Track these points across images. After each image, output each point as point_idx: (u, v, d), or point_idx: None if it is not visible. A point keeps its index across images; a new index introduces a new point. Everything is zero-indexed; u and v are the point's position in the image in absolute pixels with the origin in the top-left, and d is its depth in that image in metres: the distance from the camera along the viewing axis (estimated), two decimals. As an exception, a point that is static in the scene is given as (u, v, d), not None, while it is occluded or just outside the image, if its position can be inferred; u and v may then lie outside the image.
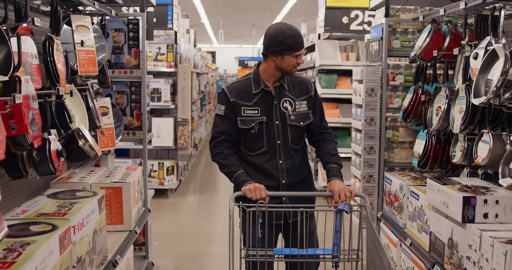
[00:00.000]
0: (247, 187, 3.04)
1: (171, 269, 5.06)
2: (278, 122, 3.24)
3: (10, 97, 2.42)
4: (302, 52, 3.19)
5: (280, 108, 3.24)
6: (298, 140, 3.31)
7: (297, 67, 3.22)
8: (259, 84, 3.25)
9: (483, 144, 3.34)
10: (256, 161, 3.27)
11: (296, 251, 2.90)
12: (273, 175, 3.26)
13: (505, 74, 2.95)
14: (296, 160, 3.31)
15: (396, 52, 4.60)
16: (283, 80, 3.28)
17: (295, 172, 3.30)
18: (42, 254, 2.04)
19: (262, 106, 3.24)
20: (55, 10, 3.22)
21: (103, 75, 3.97)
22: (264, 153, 3.26)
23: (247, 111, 3.23)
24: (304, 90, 3.33)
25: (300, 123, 3.27)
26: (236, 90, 3.28)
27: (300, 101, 3.29)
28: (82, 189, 3.22)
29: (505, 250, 2.48)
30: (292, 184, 3.29)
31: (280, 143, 3.26)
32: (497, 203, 2.93)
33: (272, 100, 3.25)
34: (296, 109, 3.27)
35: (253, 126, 3.22)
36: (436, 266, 3.26)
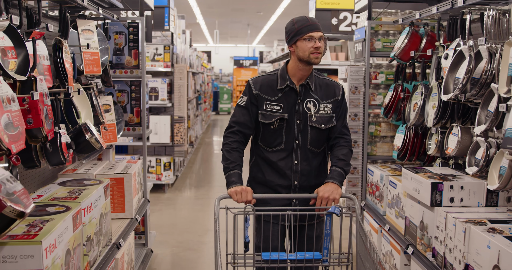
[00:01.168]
0: (233, 189, 2.98)
1: (169, 256, 5.39)
2: (299, 121, 3.17)
3: (28, 95, 2.75)
4: (314, 34, 3.05)
5: (303, 107, 3.18)
6: (317, 142, 3.23)
7: (316, 53, 3.07)
8: (285, 80, 3.18)
9: (453, 136, 3.69)
10: (272, 157, 3.21)
11: (284, 256, 2.82)
12: (286, 174, 3.20)
13: (469, 73, 3.29)
14: (313, 163, 3.23)
15: (378, 53, 4.94)
16: (311, 79, 3.21)
17: (310, 175, 3.23)
18: (59, 229, 2.36)
19: (285, 103, 3.17)
20: (64, 16, 3.54)
21: (106, 75, 4.29)
22: (281, 151, 3.20)
23: (269, 106, 3.17)
24: (331, 93, 3.24)
25: (321, 125, 3.19)
26: (260, 83, 3.21)
27: (325, 103, 3.21)
28: (89, 178, 3.54)
29: (464, 228, 2.82)
30: (305, 187, 3.23)
31: (299, 143, 3.19)
32: (462, 188, 3.27)
33: (296, 98, 3.18)
34: (319, 111, 3.19)
35: (274, 122, 3.16)
36: (410, 247, 3.60)
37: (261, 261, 2.85)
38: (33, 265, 2.13)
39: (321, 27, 3.13)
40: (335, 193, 3.00)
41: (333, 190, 3.01)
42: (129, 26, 4.84)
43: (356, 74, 5.01)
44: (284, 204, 3.20)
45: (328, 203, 2.97)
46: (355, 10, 5.62)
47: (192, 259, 5.31)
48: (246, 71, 26.03)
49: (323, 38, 3.11)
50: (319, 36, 3.09)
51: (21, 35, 2.73)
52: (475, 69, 3.29)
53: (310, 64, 3.12)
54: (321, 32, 3.11)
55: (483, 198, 3.28)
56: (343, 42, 8.39)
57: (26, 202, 2.03)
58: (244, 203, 2.92)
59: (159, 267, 5.08)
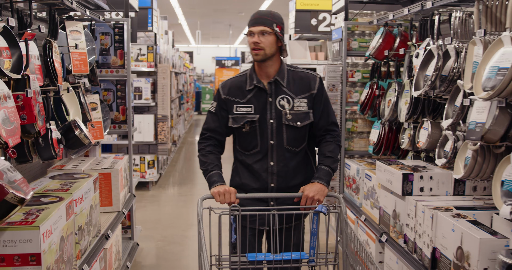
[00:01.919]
0: (216, 190, 2.90)
1: (154, 249, 5.56)
2: (272, 121, 3.05)
3: (22, 92, 2.91)
4: (253, 29, 2.96)
5: (276, 105, 3.05)
6: (295, 141, 3.10)
7: (254, 49, 2.98)
8: (252, 80, 3.07)
9: (424, 130, 3.91)
10: (248, 160, 3.12)
11: (270, 256, 2.76)
12: (261, 177, 3.10)
13: (438, 70, 3.51)
14: (291, 164, 3.11)
15: (355, 52, 5.15)
16: (281, 75, 3.07)
17: (287, 176, 3.11)
18: (54, 217, 2.53)
19: (256, 104, 3.05)
20: (53, 17, 3.69)
21: (93, 74, 4.45)
22: (257, 153, 3.10)
23: (239, 108, 3.07)
24: (306, 87, 3.09)
25: (296, 123, 3.06)
26: (229, 86, 3.12)
27: (300, 99, 3.06)
28: (78, 172, 3.70)
29: (432, 214, 3.03)
30: (283, 188, 3.12)
31: (274, 144, 3.07)
32: (431, 178, 3.49)
33: (266, 97, 3.05)
34: (294, 107, 3.05)
35: (244, 125, 3.06)
36: (384, 235, 3.81)
37: (247, 262, 2.78)
38: (32, 249, 2.30)
39: (268, 21, 2.96)
40: (320, 194, 2.94)
41: (319, 190, 2.94)
42: (115, 27, 5.01)
43: (334, 72, 5.22)
44: (261, 206, 3.06)
45: (313, 203, 2.91)
46: (332, 11, 5.84)
47: (177, 252, 5.49)
48: (228, 71, 26.17)
49: (267, 32, 2.95)
50: (259, 30, 2.95)
51: (15, 36, 2.89)
52: (443, 67, 3.51)
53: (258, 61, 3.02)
54: (264, 26, 2.94)
55: (451, 187, 3.51)
56: (322, 42, 8.61)
57: (26, 190, 2.20)
58: (228, 205, 2.88)
59: (145, 260, 5.25)
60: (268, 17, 2.97)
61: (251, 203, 3.06)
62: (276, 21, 2.99)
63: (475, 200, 3.35)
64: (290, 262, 2.78)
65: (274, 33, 2.96)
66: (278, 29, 2.98)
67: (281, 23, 3.03)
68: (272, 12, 3.04)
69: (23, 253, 2.29)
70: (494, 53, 2.79)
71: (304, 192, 2.95)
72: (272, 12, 3.03)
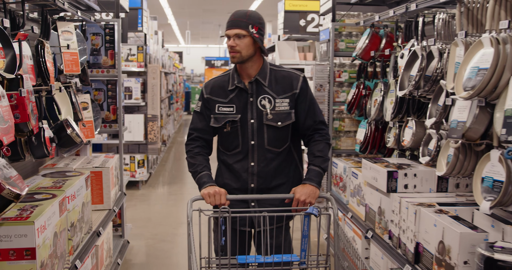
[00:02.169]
0: (206, 192, 2.87)
1: (144, 247, 5.63)
2: (253, 121, 3.02)
3: (15, 92, 2.97)
4: (229, 32, 2.95)
5: (257, 105, 3.02)
6: (277, 141, 3.07)
7: (231, 52, 2.95)
8: (233, 80, 3.05)
9: (409, 129, 4.00)
10: (229, 160, 3.10)
11: (261, 259, 2.74)
12: (241, 177, 3.08)
13: (422, 71, 3.60)
14: (272, 164, 3.08)
15: (342, 53, 5.25)
16: (262, 74, 3.04)
17: (268, 177, 3.08)
18: (48, 213, 2.60)
19: (238, 103, 3.03)
20: (45, 18, 3.75)
21: (84, 74, 4.51)
22: (238, 153, 3.08)
23: (221, 108, 3.05)
24: (288, 86, 3.05)
25: (277, 123, 3.02)
26: (211, 86, 3.11)
27: (282, 98, 3.03)
28: (70, 170, 3.77)
29: (415, 210, 3.13)
30: (264, 189, 3.09)
31: (255, 144, 3.04)
32: (415, 176, 3.59)
33: (247, 96, 3.03)
34: (275, 107, 3.02)
35: (225, 125, 3.05)
36: (369, 232, 3.91)
37: (237, 265, 2.75)
38: (27, 243, 2.37)
39: (243, 23, 2.90)
40: (311, 197, 2.91)
41: (310, 193, 2.91)
42: (106, 27, 5.07)
43: (321, 72, 5.31)
44: (242, 207, 3.07)
45: (304, 206, 2.88)
46: (320, 12, 5.93)
47: (167, 249, 5.56)
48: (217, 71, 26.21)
49: (242, 35, 2.90)
50: (234, 33, 2.91)
51: (9, 37, 2.96)
52: (427, 68, 3.61)
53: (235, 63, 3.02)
54: (239, 29, 2.90)
55: (434, 184, 3.61)
56: (311, 43, 8.69)
57: (21, 186, 2.27)
58: (218, 206, 2.85)
59: (135, 257, 5.32)
60: (243, 19, 2.91)
61: (232, 204, 2.98)
62: (251, 22, 2.92)
63: (458, 197, 3.45)
64: (281, 265, 2.73)
65: (250, 35, 2.91)
66: (255, 30, 2.92)
67: (258, 23, 2.96)
68: (249, 12, 2.96)
69: (18, 248, 2.36)
70: (474, 54, 2.89)
71: (295, 195, 2.91)
72: (248, 13, 2.96)
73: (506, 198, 2.67)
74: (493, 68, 2.66)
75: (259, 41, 2.95)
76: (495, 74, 2.66)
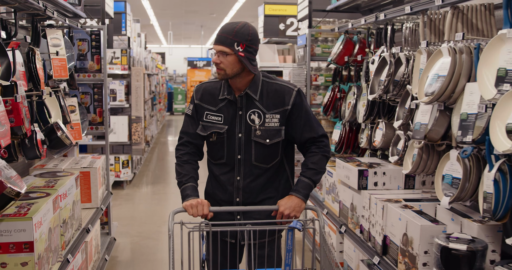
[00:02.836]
0: (188, 203, 2.76)
1: (130, 244, 5.86)
2: (241, 135, 2.90)
3: (10, 97, 3.18)
4: (215, 47, 2.80)
5: (247, 120, 2.88)
6: (264, 158, 2.94)
7: (217, 68, 2.82)
8: (224, 90, 2.92)
9: (379, 130, 4.27)
10: (215, 170, 3.00)
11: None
12: (228, 190, 2.98)
13: (390, 76, 3.87)
14: (259, 180, 2.96)
15: (318, 57, 5.53)
16: (253, 88, 2.88)
17: (253, 192, 2.97)
18: (43, 210, 2.82)
19: (226, 114, 2.91)
20: (36, 26, 3.96)
21: (72, 79, 4.72)
22: (223, 165, 2.97)
23: (210, 116, 2.93)
24: (279, 101, 2.89)
25: (265, 141, 2.89)
26: (202, 92, 2.98)
27: (272, 114, 2.88)
28: (60, 171, 3.98)
29: (382, 206, 3.39)
30: (249, 204, 2.97)
31: (241, 158, 2.92)
32: (384, 174, 3.85)
33: (236, 109, 2.90)
34: (265, 123, 2.88)
35: (211, 134, 2.93)
36: (343, 226, 4.17)
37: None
38: (25, 237, 2.59)
39: (228, 40, 2.75)
40: (296, 211, 2.82)
41: (295, 206, 2.82)
42: (92, 33, 5.28)
43: (299, 76, 5.58)
44: (227, 219, 3.00)
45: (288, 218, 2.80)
46: (298, 18, 6.19)
47: (152, 246, 5.78)
48: (200, 72, 26.41)
49: (227, 52, 2.75)
50: (218, 50, 2.77)
51: (4, 47, 3.17)
52: (396, 73, 3.87)
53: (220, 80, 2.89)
54: (223, 46, 2.76)
55: (402, 182, 3.88)
56: (290, 46, 8.96)
57: (20, 185, 2.49)
58: (200, 217, 2.79)
59: (122, 254, 5.54)
60: (229, 36, 2.75)
61: (219, 214, 2.94)
62: (238, 39, 2.75)
63: (423, 193, 3.72)
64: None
65: (235, 53, 2.75)
66: (241, 48, 2.75)
67: (246, 40, 2.77)
68: (237, 28, 2.78)
69: (17, 241, 2.58)
70: (435, 62, 3.15)
71: (279, 208, 2.82)
72: (236, 29, 2.77)
73: (464, 193, 2.94)
74: (450, 76, 2.93)
75: (245, 60, 2.77)
76: (452, 81, 2.93)
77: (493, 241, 2.88)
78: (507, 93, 2.47)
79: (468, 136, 2.81)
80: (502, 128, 2.49)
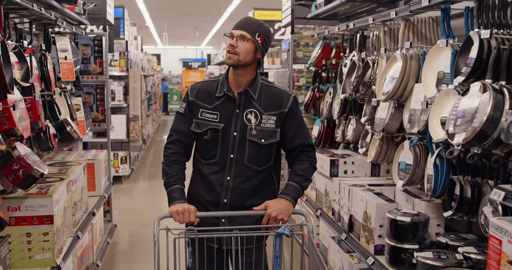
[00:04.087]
0: (174, 209, 2.71)
1: (129, 231, 6.40)
2: (236, 133, 2.87)
3: (29, 96, 3.72)
4: (234, 32, 2.80)
5: (243, 118, 2.87)
6: (257, 159, 2.91)
7: (229, 52, 2.80)
8: (223, 87, 2.90)
9: (351, 126, 4.82)
10: (205, 170, 2.94)
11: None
12: (215, 190, 2.92)
13: (358, 78, 4.42)
14: (250, 182, 2.92)
15: (300, 60, 6.08)
16: (253, 87, 2.88)
17: (242, 194, 2.91)
18: (60, 191, 3.37)
19: (222, 112, 2.88)
20: (47, 35, 4.50)
21: (77, 80, 5.26)
22: (214, 164, 2.92)
23: (205, 114, 2.90)
24: (277, 104, 2.90)
25: (260, 140, 2.87)
26: (198, 89, 2.96)
27: (269, 115, 2.88)
28: (70, 162, 4.52)
29: (348, 189, 3.95)
30: (236, 206, 2.92)
31: (234, 158, 2.89)
32: (353, 163, 4.41)
33: (233, 107, 2.88)
34: (261, 123, 2.87)
35: (206, 131, 2.89)
36: (319, 210, 4.72)
37: None
38: (47, 211, 3.13)
39: (251, 28, 2.80)
40: (284, 213, 2.74)
41: (283, 209, 2.74)
42: (95, 39, 5.83)
43: (282, 77, 6.14)
44: (212, 223, 2.94)
45: (275, 223, 2.72)
46: (282, 24, 6.74)
47: (149, 233, 6.32)
48: (194, 73, 26.94)
49: (247, 38, 2.78)
50: (239, 34, 2.78)
51: (24, 54, 3.71)
52: (364, 75, 4.43)
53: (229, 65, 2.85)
54: (245, 31, 2.78)
55: (369, 170, 4.44)
56: (278, 49, 9.52)
57: (43, 167, 3.04)
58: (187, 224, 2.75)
59: (122, 239, 6.08)
60: (253, 25, 2.81)
61: (203, 218, 2.85)
62: (260, 31, 2.81)
63: (387, 180, 4.28)
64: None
65: (254, 41, 2.79)
66: (260, 40, 2.80)
67: (266, 36, 2.84)
68: (261, 22, 2.87)
69: (40, 215, 3.12)
70: (391, 66, 3.71)
71: (267, 210, 2.74)
72: (260, 22, 2.86)
73: (415, 177, 3.49)
74: (401, 78, 3.49)
75: (261, 52, 2.84)
76: (403, 82, 3.49)
77: (438, 216, 3.44)
78: (442, 92, 3.03)
79: (414, 128, 3.37)
80: (438, 121, 3.05)
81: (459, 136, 2.56)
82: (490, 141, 2.45)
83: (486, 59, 2.65)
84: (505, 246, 2.07)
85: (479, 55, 2.68)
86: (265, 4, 12.10)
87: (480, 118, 2.43)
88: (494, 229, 2.15)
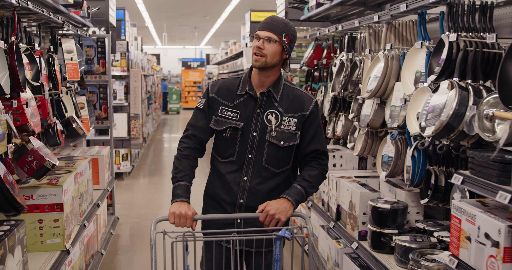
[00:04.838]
0: (172, 211, 2.64)
1: (131, 224, 6.70)
2: (255, 133, 2.82)
3: (39, 95, 4.01)
4: (260, 33, 2.72)
5: (263, 119, 2.82)
6: (275, 161, 2.86)
7: (255, 54, 2.73)
8: (245, 86, 2.84)
9: (340, 122, 5.11)
10: (221, 169, 2.90)
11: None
12: (232, 190, 2.87)
13: (346, 77, 4.71)
14: (267, 183, 2.87)
15: (294, 61, 6.38)
16: (276, 88, 2.83)
17: (259, 195, 2.86)
18: (68, 181, 3.66)
19: (243, 111, 2.83)
20: (54, 37, 4.79)
21: (82, 80, 5.56)
22: (231, 163, 2.87)
23: (225, 111, 2.84)
24: (299, 106, 2.85)
25: (280, 142, 2.82)
26: (219, 86, 2.90)
27: (290, 117, 2.82)
28: (75, 156, 4.81)
29: (336, 181, 4.24)
30: (252, 207, 2.85)
31: (252, 158, 2.84)
32: (341, 157, 4.70)
33: (255, 107, 2.83)
34: (281, 125, 2.82)
35: (225, 130, 2.84)
36: (310, 202, 5.02)
37: None
38: (57, 200, 3.42)
39: (278, 29, 2.71)
40: (282, 214, 2.65)
41: (283, 209, 2.66)
42: (98, 40, 6.12)
43: (277, 77, 6.41)
44: (226, 223, 2.90)
45: (272, 222, 2.64)
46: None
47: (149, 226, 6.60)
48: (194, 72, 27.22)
49: (273, 40, 2.70)
50: (265, 36, 2.70)
51: (34, 56, 4.00)
52: (353, 74, 4.71)
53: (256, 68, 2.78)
54: (272, 33, 2.69)
55: (356, 164, 4.73)
56: (275, 49, 9.81)
57: (54, 159, 3.33)
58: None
59: (124, 231, 6.37)
60: (279, 25, 2.73)
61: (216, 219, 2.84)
62: (286, 31, 2.74)
63: (373, 172, 4.56)
64: None
65: (281, 43, 2.73)
66: (287, 41, 2.74)
67: (292, 35, 2.79)
68: (287, 21, 2.79)
69: (51, 203, 3.42)
70: (375, 65, 4.00)
71: (266, 207, 2.67)
72: (286, 22, 2.79)
73: (396, 169, 3.78)
74: (383, 77, 3.78)
75: (288, 52, 2.79)
76: (385, 81, 3.78)
77: (417, 205, 3.73)
78: (418, 90, 3.32)
79: (395, 123, 3.66)
80: (415, 116, 3.34)
81: (429, 129, 2.86)
82: (456, 133, 2.74)
83: (455, 60, 2.95)
84: (464, 224, 2.36)
85: (448, 56, 2.97)
86: (263, 5, 12.41)
87: (447, 112, 2.72)
88: (455, 210, 2.44)
